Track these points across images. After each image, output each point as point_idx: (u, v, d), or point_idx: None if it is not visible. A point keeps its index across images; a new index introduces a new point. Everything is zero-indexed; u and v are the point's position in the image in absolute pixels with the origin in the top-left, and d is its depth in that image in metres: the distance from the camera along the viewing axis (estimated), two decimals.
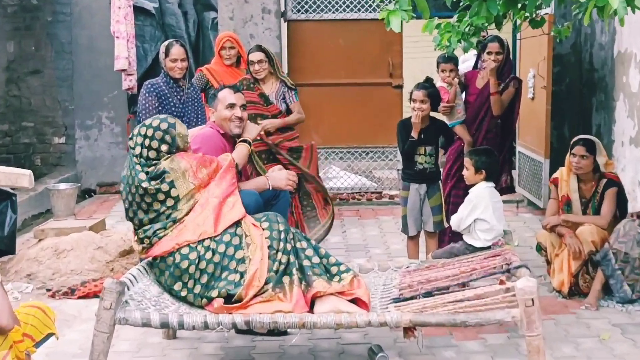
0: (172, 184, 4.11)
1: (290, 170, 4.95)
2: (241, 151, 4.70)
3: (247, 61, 6.01)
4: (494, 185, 5.57)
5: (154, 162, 4.19)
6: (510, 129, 6.47)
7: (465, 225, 5.40)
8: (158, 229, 4.22)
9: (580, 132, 7.63)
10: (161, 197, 4.22)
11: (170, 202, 4.08)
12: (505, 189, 6.56)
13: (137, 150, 4.24)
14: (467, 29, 5.25)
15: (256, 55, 6.20)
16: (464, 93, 6.64)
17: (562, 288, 5.45)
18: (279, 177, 4.82)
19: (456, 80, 6.31)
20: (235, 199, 4.32)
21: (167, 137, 4.19)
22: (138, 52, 8.71)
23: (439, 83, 6.38)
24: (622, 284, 5.26)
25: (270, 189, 4.80)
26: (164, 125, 4.18)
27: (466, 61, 8.39)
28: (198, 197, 4.20)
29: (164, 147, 4.16)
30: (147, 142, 4.16)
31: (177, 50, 6.02)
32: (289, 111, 6.24)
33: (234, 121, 4.74)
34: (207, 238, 4.18)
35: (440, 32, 5.36)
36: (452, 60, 6.53)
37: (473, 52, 8.01)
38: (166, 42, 6.19)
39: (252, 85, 6.03)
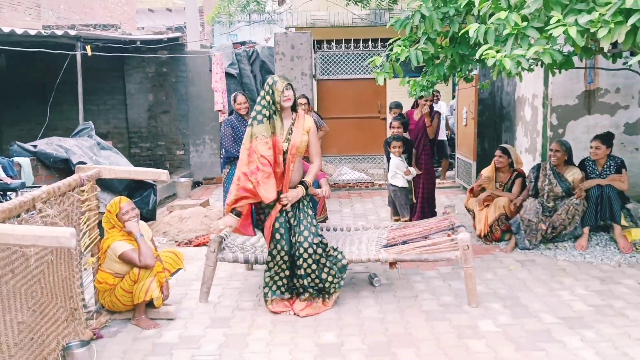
0: None
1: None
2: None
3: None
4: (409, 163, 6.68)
5: (259, 111, 4.46)
6: (434, 141, 7.40)
7: (391, 174, 6.60)
8: None
9: (495, 145, 8.47)
10: None
11: None
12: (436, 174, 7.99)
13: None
14: (426, 83, 6.32)
15: (302, 100, 7.24)
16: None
17: (481, 233, 6.51)
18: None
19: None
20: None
21: (268, 89, 4.47)
22: (229, 99, 8.98)
23: (390, 119, 7.44)
24: (524, 239, 6.24)
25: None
26: (270, 81, 4.50)
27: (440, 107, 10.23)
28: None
29: (267, 97, 4.48)
30: (262, 92, 4.54)
31: (240, 98, 6.75)
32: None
33: None
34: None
35: (410, 85, 6.40)
36: (399, 106, 8.52)
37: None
38: (234, 94, 6.92)
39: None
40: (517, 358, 3.82)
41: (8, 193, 5.32)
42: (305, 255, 4.54)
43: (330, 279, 4.63)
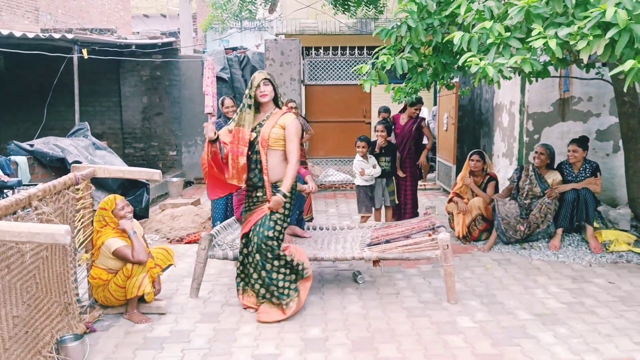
0: None
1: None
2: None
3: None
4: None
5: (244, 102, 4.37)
6: (419, 145, 7.51)
7: (355, 172, 6.61)
8: None
9: (472, 149, 8.18)
10: None
11: None
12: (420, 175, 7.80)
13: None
14: (409, 90, 6.36)
15: (291, 104, 7.40)
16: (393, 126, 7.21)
17: (459, 234, 6.56)
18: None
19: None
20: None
21: (249, 83, 4.46)
22: (218, 103, 7.72)
23: (374, 122, 7.64)
24: (503, 234, 6.32)
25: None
26: (252, 75, 4.51)
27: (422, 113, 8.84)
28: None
29: (247, 90, 4.47)
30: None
31: (228, 102, 6.79)
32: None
33: None
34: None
35: (394, 92, 6.40)
36: (387, 110, 8.53)
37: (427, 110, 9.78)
38: (222, 97, 6.91)
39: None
40: (493, 353, 3.82)
41: (5, 191, 5.20)
42: (254, 252, 4.39)
43: (281, 284, 4.41)
